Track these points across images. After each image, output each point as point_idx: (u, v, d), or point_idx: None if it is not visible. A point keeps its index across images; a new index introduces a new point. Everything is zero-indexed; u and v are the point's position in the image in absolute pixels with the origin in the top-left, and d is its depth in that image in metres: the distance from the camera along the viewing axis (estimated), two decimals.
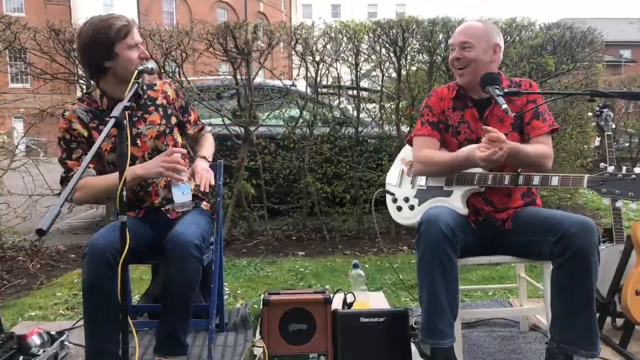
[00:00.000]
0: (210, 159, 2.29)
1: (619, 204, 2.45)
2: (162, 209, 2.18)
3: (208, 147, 2.38)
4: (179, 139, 2.30)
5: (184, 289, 1.93)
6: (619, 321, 2.33)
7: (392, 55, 4.53)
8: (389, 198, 2.31)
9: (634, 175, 1.78)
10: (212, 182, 2.15)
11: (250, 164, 4.45)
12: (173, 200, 2.03)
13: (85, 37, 2.00)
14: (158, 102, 2.21)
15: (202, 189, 2.09)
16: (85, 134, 2.07)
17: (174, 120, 2.24)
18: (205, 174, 2.13)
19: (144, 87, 2.20)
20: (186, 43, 4.41)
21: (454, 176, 2.09)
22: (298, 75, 4.60)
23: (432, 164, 2.11)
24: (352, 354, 2.10)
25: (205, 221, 2.16)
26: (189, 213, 2.15)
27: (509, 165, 2.03)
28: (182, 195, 1.99)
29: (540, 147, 2.03)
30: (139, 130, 2.15)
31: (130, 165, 2.01)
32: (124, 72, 1.99)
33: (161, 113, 2.20)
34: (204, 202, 2.32)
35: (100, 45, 1.98)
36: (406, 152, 2.37)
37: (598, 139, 6.03)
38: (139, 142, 2.14)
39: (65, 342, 2.28)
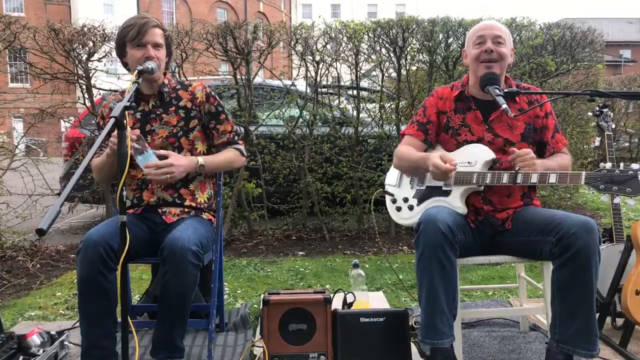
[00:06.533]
0: (198, 165, 2.11)
1: (617, 200, 2.46)
2: (159, 210, 2.17)
3: (216, 156, 2.23)
4: (200, 146, 2.22)
5: (181, 294, 1.92)
6: (619, 321, 2.33)
7: (392, 55, 4.53)
8: (388, 198, 2.31)
9: (631, 172, 1.78)
10: (164, 178, 1.99)
11: (251, 163, 4.45)
12: (166, 200, 2.17)
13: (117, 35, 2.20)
14: (182, 103, 2.20)
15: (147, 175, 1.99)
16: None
17: (194, 123, 2.19)
18: (160, 172, 1.98)
19: (176, 87, 2.21)
20: (186, 43, 4.42)
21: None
22: (298, 75, 4.61)
23: (402, 159, 2.20)
24: (352, 354, 2.10)
25: (204, 229, 2.09)
26: (187, 219, 2.12)
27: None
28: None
29: (564, 160, 2.10)
30: (152, 128, 2.18)
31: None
32: (133, 70, 2.06)
33: (181, 115, 2.18)
34: (205, 213, 2.24)
35: (117, 42, 2.17)
36: None
37: (598, 139, 6.04)
38: (149, 138, 2.16)
39: (65, 342, 2.27)
